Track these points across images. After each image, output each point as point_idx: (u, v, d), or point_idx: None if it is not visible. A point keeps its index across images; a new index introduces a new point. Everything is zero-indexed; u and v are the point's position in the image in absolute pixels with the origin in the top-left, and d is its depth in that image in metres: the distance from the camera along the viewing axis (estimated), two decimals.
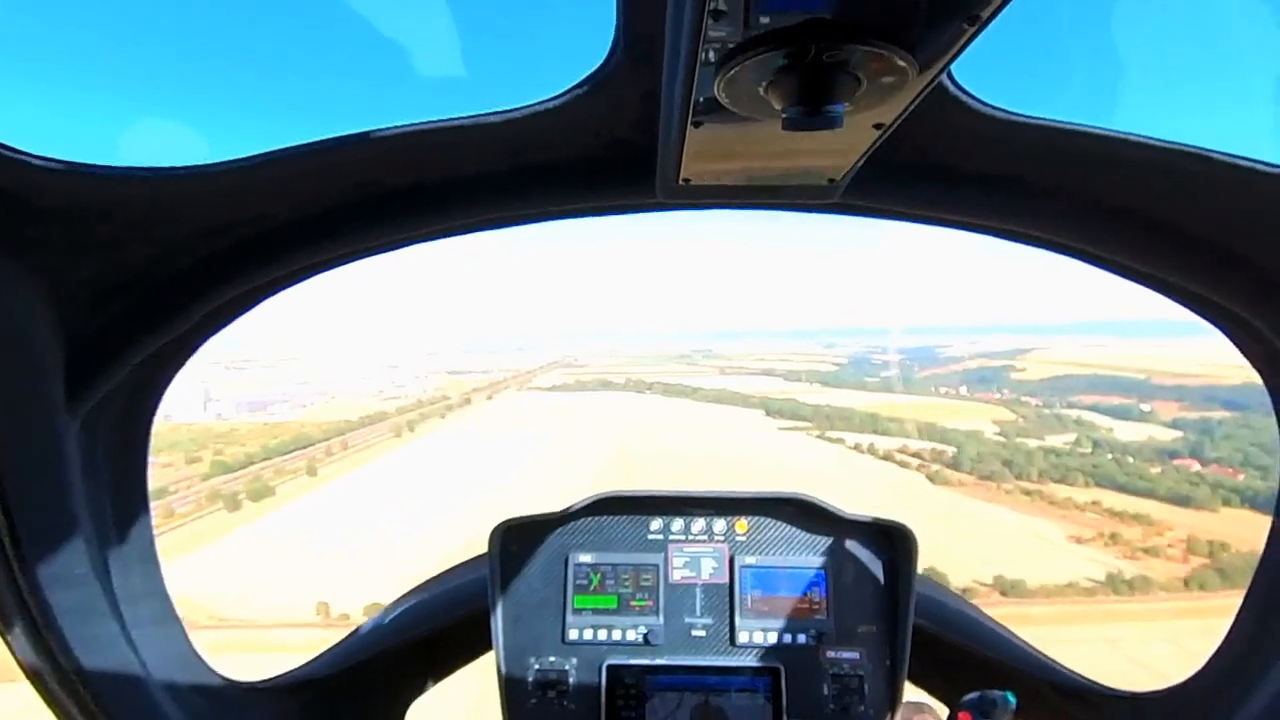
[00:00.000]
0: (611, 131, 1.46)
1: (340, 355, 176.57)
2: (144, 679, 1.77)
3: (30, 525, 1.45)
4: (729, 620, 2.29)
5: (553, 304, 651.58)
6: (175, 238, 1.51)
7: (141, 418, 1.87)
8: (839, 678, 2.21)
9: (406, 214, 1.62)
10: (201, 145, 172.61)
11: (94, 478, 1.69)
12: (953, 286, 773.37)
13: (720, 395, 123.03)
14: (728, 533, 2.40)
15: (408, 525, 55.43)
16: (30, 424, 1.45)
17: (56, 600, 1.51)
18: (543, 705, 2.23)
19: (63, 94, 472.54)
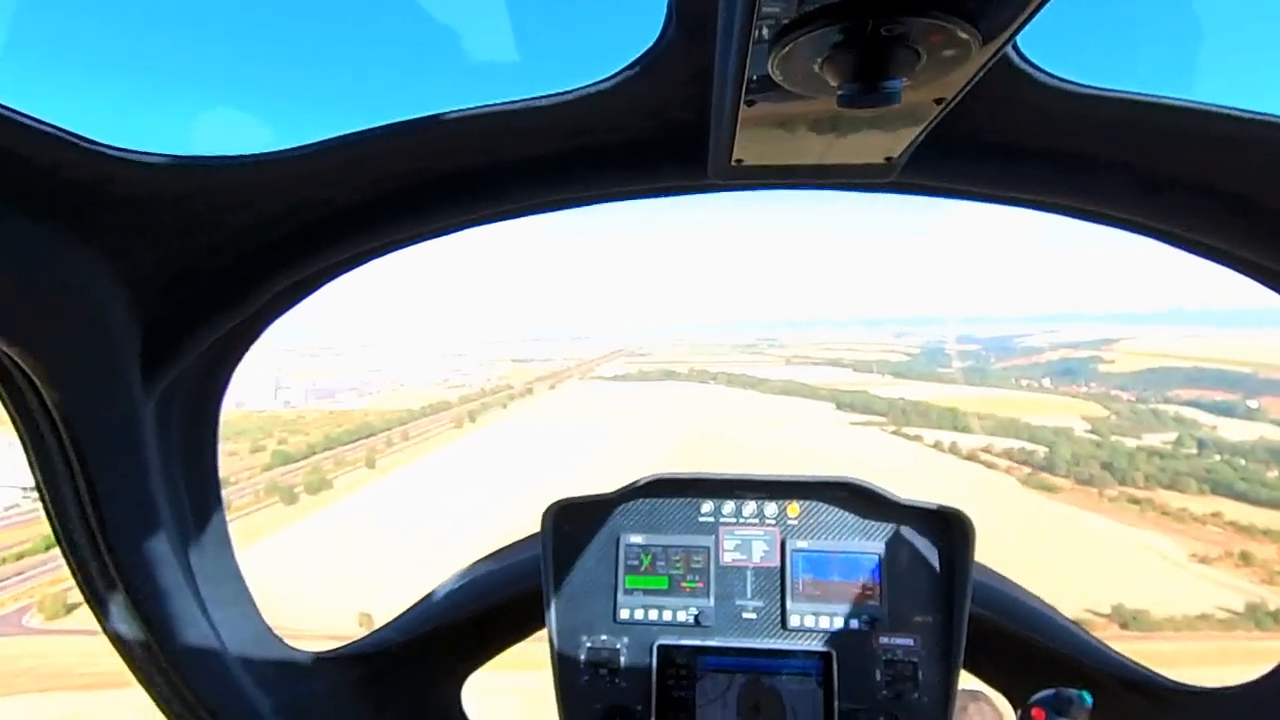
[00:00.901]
0: (663, 112, 1.44)
1: (410, 343, 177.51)
2: (219, 650, 1.86)
3: (111, 500, 1.53)
4: (780, 603, 2.26)
5: (618, 292, 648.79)
6: (242, 223, 1.55)
7: (212, 397, 1.91)
8: (892, 664, 2.17)
9: (461, 198, 1.63)
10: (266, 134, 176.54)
11: (168, 455, 1.76)
12: (1026, 272, 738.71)
13: (787, 386, 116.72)
14: (779, 516, 2.36)
15: (462, 522, 52.20)
16: (109, 402, 1.50)
17: (138, 575, 1.62)
18: (594, 682, 2.24)
19: (137, 89, 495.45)
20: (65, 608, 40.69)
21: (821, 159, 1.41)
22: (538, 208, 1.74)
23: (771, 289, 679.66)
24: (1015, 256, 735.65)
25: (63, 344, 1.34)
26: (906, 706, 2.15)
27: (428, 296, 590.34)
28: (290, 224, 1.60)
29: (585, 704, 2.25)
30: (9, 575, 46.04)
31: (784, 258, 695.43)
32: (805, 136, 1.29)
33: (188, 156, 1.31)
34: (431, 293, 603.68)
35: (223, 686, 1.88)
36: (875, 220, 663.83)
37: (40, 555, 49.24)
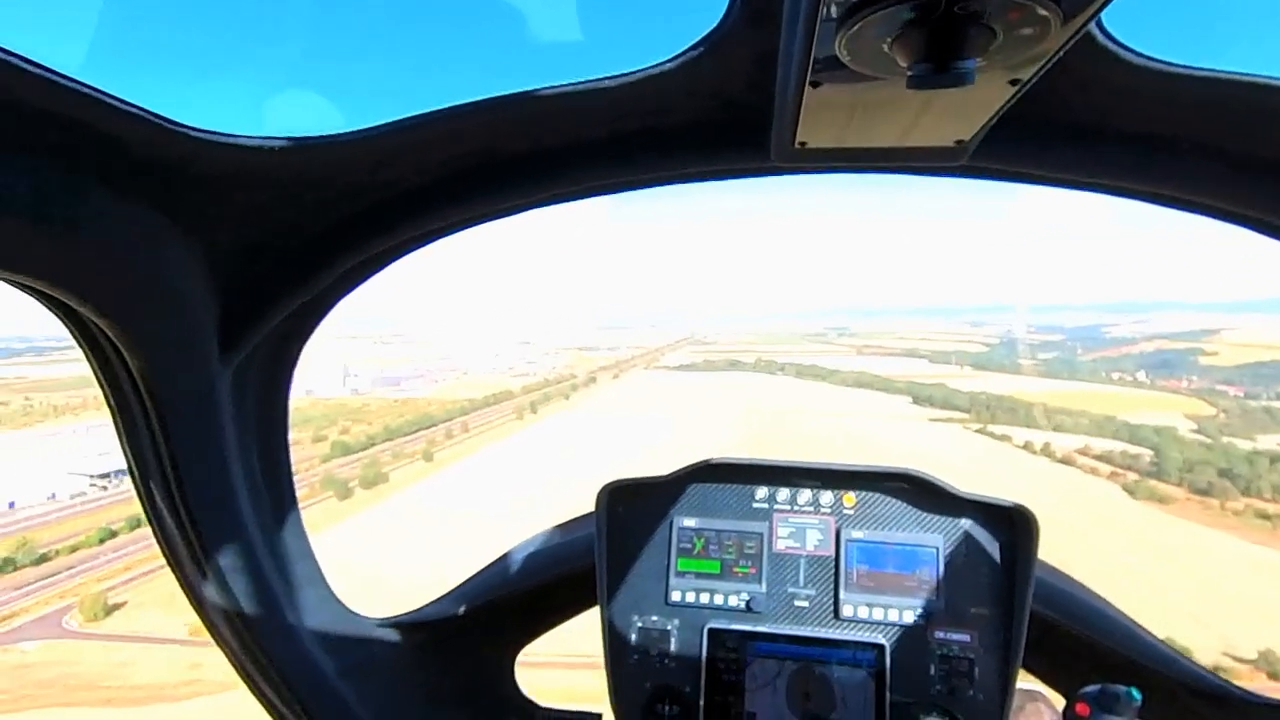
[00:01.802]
0: (726, 94, 1.42)
1: (479, 331, 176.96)
2: (287, 613, 1.92)
3: (189, 466, 1.60)
4: (833, 593, 2.20)
5: (686, 280, 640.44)
6: (314, 202, 1.59)
7: (284, 371, 1.95)
8: (947, 659, 2.10)
9: (525, 179, 1.65)
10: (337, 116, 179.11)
11: (243, 425, 1.80)
12: (1107, 259, 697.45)
13: (859, 378, 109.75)
14: (835, 505, 2.29)
15: (515, 523, 48.74)
16: (189, 373, 1.55)
17: (214, 538, 1.70)
18: (645, 662, 2.23)
19: (216, 71, 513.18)
20: (105, 609, 39.09)
21: (889, 142, 1.37)
22: (601, 189, 1.73)
23: (840, 276, 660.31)
24: (1095, 242, 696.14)
25: (147, 317, 1.39)
26: (961, 703, 2.08)
27: (500, 284, 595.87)
28: (359, 203, 1.63)
29: (635, 682, 2.22)
30: (59, 570, 44.97)
31: (852, 244, 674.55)
32: (872, 119, 1.25)
33: (264, 137, 1.35)
34: (503, 280, 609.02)
35: (291, 649, 1.94)
36: (947, 204, 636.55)
37: (93, 549, 48.30)
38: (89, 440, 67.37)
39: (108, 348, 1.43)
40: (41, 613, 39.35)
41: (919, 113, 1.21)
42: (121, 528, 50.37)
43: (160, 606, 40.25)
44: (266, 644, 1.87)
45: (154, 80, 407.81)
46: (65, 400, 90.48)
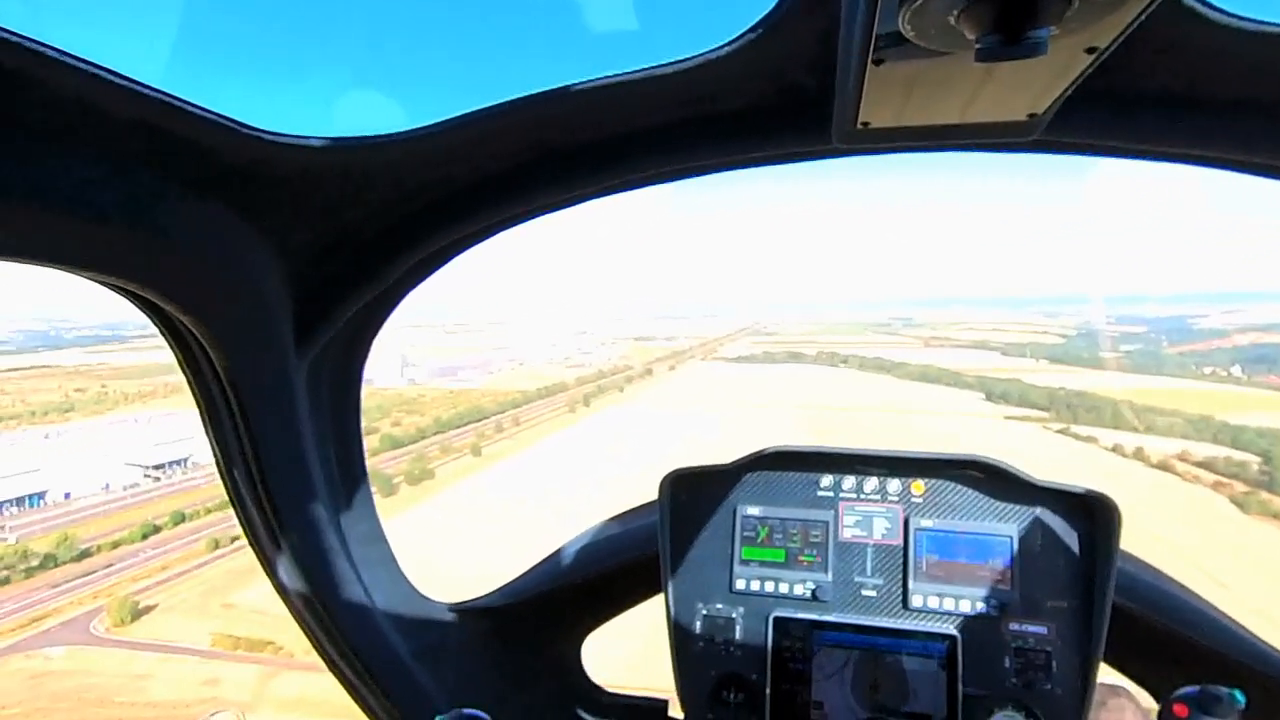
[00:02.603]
0: (785, 76, 1.41)
1: (537, 321, 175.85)
2: (364, 597, 2.00)
3: (269, 454, 1.67)
4: (902, 582, 2.14)
5: (746, 268, 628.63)
6: (381, 199, 1.62)
7: (355, 363, 2.03)
8: (1023, 652, 2.03)
9: (583, 170, 1.65)
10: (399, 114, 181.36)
11: (318, 415, 1.87)
12: (1190, 246, 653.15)
13: (926, 372, 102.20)
14: (903, 494, 2.23)
15: (557, 527, 45.68)
16: (267, 366, 1.62)
17: (294, 523, 1.77)
18: (710, 650, 2.20)
19: (289, 77, 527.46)
20: (132, 614, 37.63)
21: (955, 118, 1.31)
22: (660, 177, 1.72)
23: (904, 264, 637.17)
24: (1177, 226, 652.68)
25: (228, 314, 1.46)
26: (1038, 697, 2.00)
27: (561, 273, 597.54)
28: (424, 199, 1.66)
29: (700, 670, 2.20)
30: (97, 568, 44.00)
31: (916, 231, 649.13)
32: (937, 95, 1.19)
33: (333, 138, 1.37)
34: (565, 269, 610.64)
35: (366, 629, 2.02)
36: (1014, 186, 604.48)
37: (135, 544, 47.40)
38: (148, 430, 67.36)
39: (192, 343, 1.50)
40: (73, 614, 38.42)
41: (988, 86, 1.14)
42: (165, 523, 49.49)
43: (188, 612, 38.78)
44: (342, 624, 1.95)
45: (230, 85, 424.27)
46: (137, 389, 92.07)
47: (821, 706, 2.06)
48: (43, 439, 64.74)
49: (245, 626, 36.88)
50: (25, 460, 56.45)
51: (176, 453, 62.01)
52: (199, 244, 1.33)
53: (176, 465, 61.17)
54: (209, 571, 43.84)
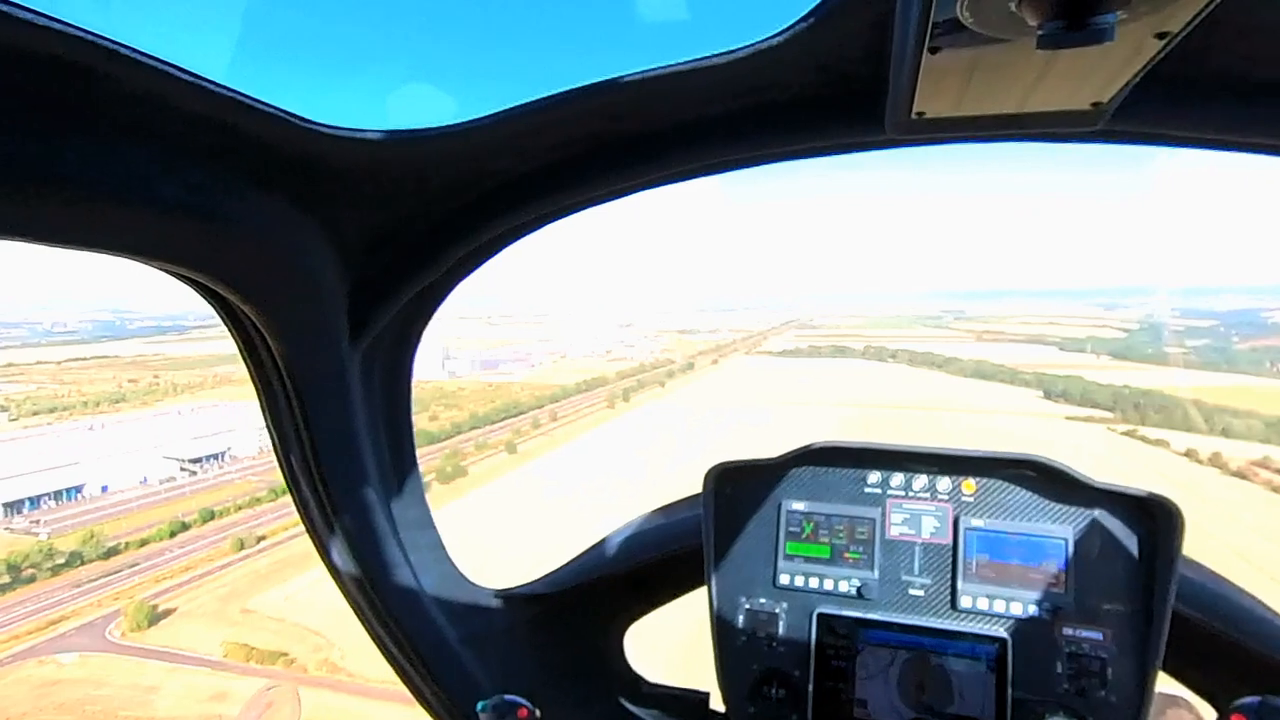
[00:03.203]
0: (837, 66, 1.37)
1: (583, 313, 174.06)
2: (414, 582, 2.02)
3: (324, 440, 1.70)
4: (950, 582, 2.08)
5: (792, 260, 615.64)
6: (433, 191, 1.65)
7: (407, 353, 2.04)
8: (1076, 657, 1.96)
9: (634, 161, 1.64)
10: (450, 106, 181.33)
11: (371, 404, 1.89)
12: (1259, 237, 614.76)
13: (980, 368, 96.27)
14: (953, 492, 2.16)
15: (583, 535, 43.21)
16: (323, 355, 1.65)
17: (347, 507, 1.80)
18: (752, 644, 2.17)
19: (346, 72, 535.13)
20: (149, 619, 36.36)
21: (1014, 108, 1.26)
22: (710, 169, 1.70)
23: (954, 255, 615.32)
24: (1246, 216, 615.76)
25: (287, 304, 1.49)
26: (1092, 704, 1.94)
27: (608, 266, 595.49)
28: (475, 190, 1.68)
29: (743, 664, 2.17)
30: (122, 566, 43.10)
31: (967, 220, 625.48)
32: (996, 84, 1.15)
33: (387, 131, 1.39)
34: (612, 262, 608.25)
35: (415, 613, 2.04)
36: (1072, 175, 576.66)
37: (163, 542, 46.52)
38: (189, 423, 67.08)
39: (253, 332, 1.52)
40: (92, 616, 37.40)
41: (1049, 75, 1.09)
42: (194, 520, 48.53)
43: (206, 618, 37.47)
44: (392, 607, 1.97)
45: (290, 80, 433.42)
46: (188, 379, 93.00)
47: (865, 705, 2.02)
48: (87, 430, 64.96)
49: (261, 635, 35.41)
50: (69, 452, 56.44)
51: (214, 446, 61.50)
52: (260, 235, 1.36)
53: (213, 459, 60.66)
54: (231, 574, 42.74)
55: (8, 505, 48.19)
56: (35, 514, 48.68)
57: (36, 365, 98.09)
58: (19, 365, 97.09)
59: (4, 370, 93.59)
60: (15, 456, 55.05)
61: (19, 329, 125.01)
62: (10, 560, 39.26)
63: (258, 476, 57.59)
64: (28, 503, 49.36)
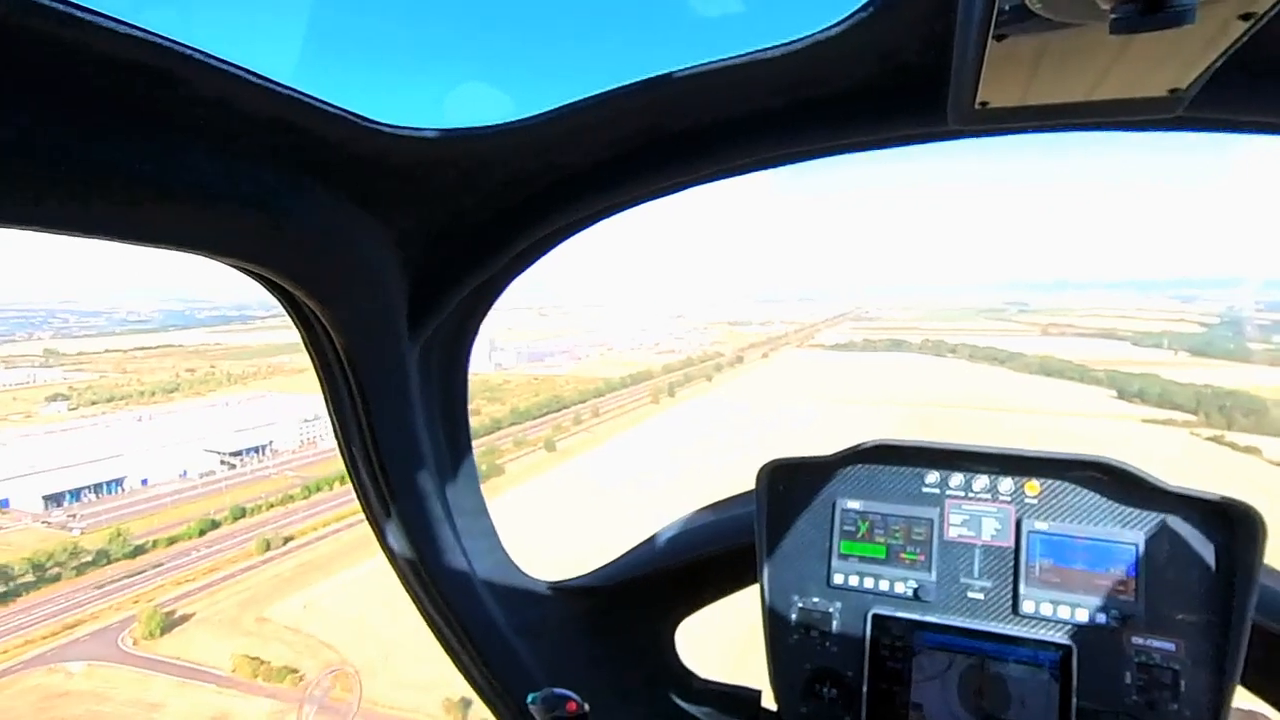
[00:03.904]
0: (897, 56, 1.34)
1: (633, 305, 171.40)
2: (468, 569, 2.04)
3: (384, 431, 1.73)
4: (1012, 587, 2.02)
5: (847, 251, 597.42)
6: (489, 188, 1.66)
7: (463, 347, 2.06)
8: (1146, 668, 1.89)
9: (690, 156, 1.63)
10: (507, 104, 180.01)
11: (428, 396, 1.92)
12: None
13: (1046, 364, 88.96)
14: (1015, 494, 2.08)
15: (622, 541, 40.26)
16: (383, 348, 1.68)
17: (406, 496, 1.83)
18: (805, 643, 2.15)
19: (405, 71, 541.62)
20: (163, 626, 34.85)
21: (1084, 95, 1.19)
22: (768, 162, 1.67)
23: (1017, 244, 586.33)
24: None
25: (349, 299, 1.52)
26: (1162, 717, 1.87)
27: (661, 256, 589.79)
28: (532, 186, 1.68)
29: (795, 662, 2.15)
30: (147, 566, 41.99)
31: (1030, 208, 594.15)
32: (1065, 71, 1.09)
33: (446, 129, 1.41)
34: (664, 252, 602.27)
35: (470, 601, 2.05)
36: (1145, 160, 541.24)
37: (191, 541, 45.40)
38: (234, 414, 66.60)
39: (316, 326, 1.55)
40: (108, 621, 36.20)
41: (1122, 60, 1.03)
42: (225, 518, 47.30)
43: (221, 625, 35.88)
44: (448, 595, 1.99)
45: (352, 80, 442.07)
46: (242, 369, 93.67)
47: (921, 709, 1.98)
48: (135, 421, 65.05)
49: (273, 647, 33.64)
50: (116, 444, 56.27)
51: (255, 439, 60.67)
52: (324, 232, 1.38)
53: (253, 453, 59.83)
54: (254, 578, 41.36)
55: (48, 498, 47.92)
56: (74, 508, 48.35)
57: (105, 354, 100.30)
58: (90, 354, 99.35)
59: (76, 359, 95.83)
60: (64, 447, 55.11)
61: (98, 318, 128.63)
62: (35, 560, 38.45)
63: (294, 472, 56.57)
64: (68, 495, 49.05)
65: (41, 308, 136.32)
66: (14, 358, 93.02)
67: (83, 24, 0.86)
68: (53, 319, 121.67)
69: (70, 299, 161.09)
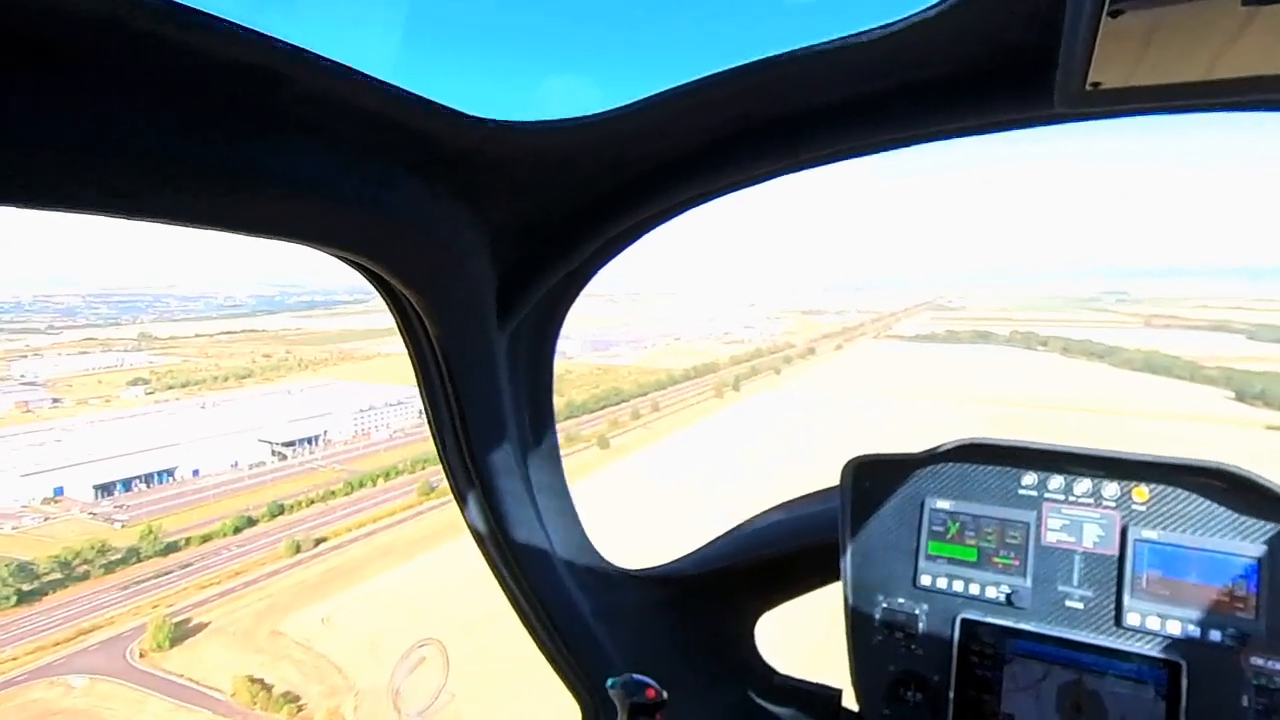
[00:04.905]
0: (1000, 37, 1.28)
1: (706, 292, 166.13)
2: (549, 550, 2.06)
3: (475, 415, 1.76)
4: (1115, 597, 1.89)
5: (928, 235, 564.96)
6: (580, 179, 1.66)
7: (549, 336, 2.07)
8: (1268, 692, 1.74)
9: (780, 145, 1.61)
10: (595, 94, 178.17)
11: (515, 383, 1.94)
12: None
13: (1150, 360, 78.11)
14: (1121, 499, 1.94)
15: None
16: (474, 337, 1.71)
17: (490, 473, 1.85)
18: (889, 644, 2.06)
19: (501, 62, 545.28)
20: (170, 637, 32.54)
21: (1202, 74, 1.11)
22: (862, 150, 1.63)
23: (1115, 226, 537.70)
24: None
25: (442, 288, 1.54)
26: None
27: (737, 242, 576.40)
28: (622, 177, 1.68)
29: (879, 664, 2.08)
30: (174, 566, 40.17)
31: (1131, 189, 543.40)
32: (1186, 48, 1.01)
33: (538, 121, 1.41)
34: (740, 238, 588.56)
35: (553, 584, 2.07)
36: (1261, 138, 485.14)
37: (225, 539, 43.55)
38: (295, 403, 65.48)
39: (411, 314, 1.58)
40: (122, 629, 34.38)
41: (1247, 35, 0.95)
42: (262, 515, 45.30)
43: (233, 638, 33.47)
44: (532, 578, 2.01)
45: (448, 74, 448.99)
46: (314, 355, 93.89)
47: (1012, 719, 1.89)
48: (199, 409, 64.75)
49: (281, 666, 31.01)
50: (178, 431, 55.71)
51: (310, 429, 59.11)
52: (421, 223, 1.40)
53: (306, 443, 58.26)
54: (278, 583, 38.97)
55: (99, 487, 47.22)
56: (123, 498, 47.52)
57: (194, 338, 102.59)
58: (180, 338, 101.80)
59: (166, 343, 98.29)
60: (127, 434, 54.83)
61: (197, 302, 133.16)
62: (62, 557, 37.12)
63: (342, 465, 54.62)
64: (119, 485, 48.30)
65: (148, 292, 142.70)
66: (112, 341, 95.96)
67: (205, 29, 0.89)
68: (157, 303, 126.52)
69: (174, 284, 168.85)
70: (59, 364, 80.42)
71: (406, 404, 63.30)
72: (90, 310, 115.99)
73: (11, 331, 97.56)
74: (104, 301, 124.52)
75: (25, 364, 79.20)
